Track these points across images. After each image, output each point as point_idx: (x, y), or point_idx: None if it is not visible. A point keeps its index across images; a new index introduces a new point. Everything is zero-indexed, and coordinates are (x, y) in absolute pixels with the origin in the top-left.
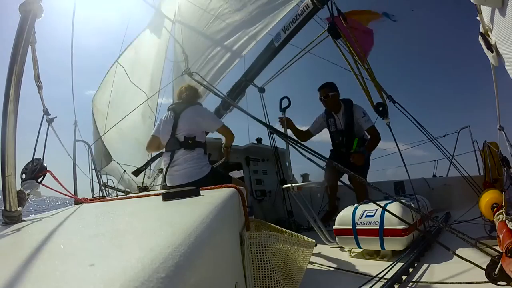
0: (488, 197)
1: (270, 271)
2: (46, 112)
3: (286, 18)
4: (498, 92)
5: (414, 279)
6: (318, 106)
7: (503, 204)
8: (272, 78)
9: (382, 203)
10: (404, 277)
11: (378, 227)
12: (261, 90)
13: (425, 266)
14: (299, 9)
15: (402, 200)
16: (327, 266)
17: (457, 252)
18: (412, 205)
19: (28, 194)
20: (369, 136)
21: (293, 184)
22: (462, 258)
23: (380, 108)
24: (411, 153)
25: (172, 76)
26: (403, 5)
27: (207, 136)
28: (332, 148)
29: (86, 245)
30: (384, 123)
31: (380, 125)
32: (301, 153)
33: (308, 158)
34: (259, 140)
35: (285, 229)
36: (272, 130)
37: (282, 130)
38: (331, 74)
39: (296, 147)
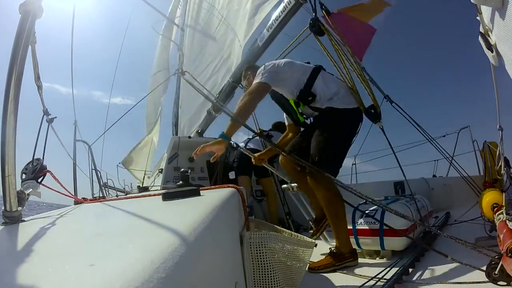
0: (488, 197)
1: (270, 271)
2: (46, 112)
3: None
4: (498, 92)
5: (414, 279)
6: None
7: (503, 204)
8: None
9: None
10: (404, 277)
11: (378, 227)
12: None
13: (425, 266)
14: (282, 6)
15: (395, 203)
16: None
17: (456, 253)
18: (413, 205)
19: (28, 194)
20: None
21: (292, 184)
22: (460, 263)
23: (372, 111)
24: (411, 153)
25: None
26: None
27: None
28: None
29: (86, 245)
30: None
31: (373, 128)
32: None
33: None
34: None
35: (285, 229)
36: (260, 137)
37: None
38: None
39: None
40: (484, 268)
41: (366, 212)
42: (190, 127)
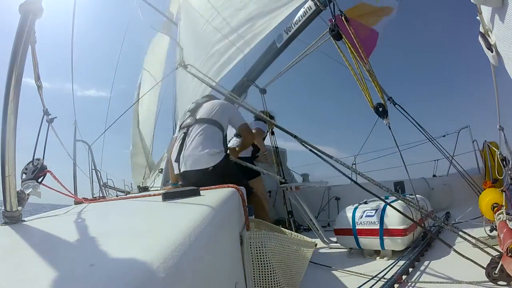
0: (488, 197)
1: (270, 271)
2: (46, 112)
3: (289, 18)
4: (498, 92)
5: (414, 279)
6: (317, 107)
7: (503, 204)
8: (273, 80)
9: (382, 203)
10: (404, 277)
11: (378, 227)
12: (263, 91)
13: (425, 266)
14: (302, 11)
15: (396, 202)
16: (327, 266)
17: (457, 251)
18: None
19: (28, 194)
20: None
21: (291, 184)
22: (463, 256)
23: (380, 109)
24: (411, 153)
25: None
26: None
27: None
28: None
29: (86, 245)
30: (384, 123)
31: (380, 125)
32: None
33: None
34: None
35: (285, 229)
36: (276, 127)
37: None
38: (334, 75)
39: (308, 146)
40: (485, 266)
41: (366, 212)
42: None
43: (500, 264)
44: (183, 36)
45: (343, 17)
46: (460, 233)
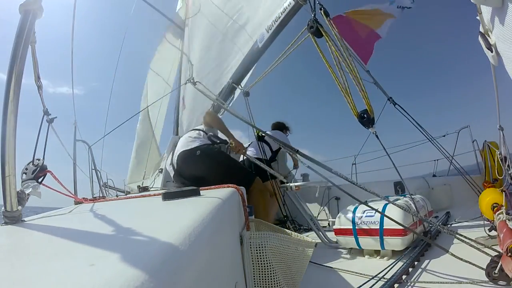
0: (488, 197)
1: (270, 271)
2: (46, 112)
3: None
4: (498, 92)
5: (414, 279)
6: (305, 108)
7: (503, 204)
8: (256, 82)
9: (381, 203)
10: (404, 277)
11: (378, 227)
12: (246, 94)
13: (425, 265)
14: (282, 7)
15: (396, 202)
16: (327, 266)
17: (456, 252)
18: (413, 205)
19: (28, 194)
20: None
21: (291, 184)
22: (460, 259)
23: (364, 116)
24: (412, 152)
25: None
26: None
27: None
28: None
29: (86, 245)
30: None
31: (378, 124)
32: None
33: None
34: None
35: (285, 229)
36: (262, 132)
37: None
38: (318, 76)
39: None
40: (484, 266)
41: (367, 211)
42: (191, 126)
43: (499, 264)
44: (186, 46)
45: (322, 11)
46: (457, 235)
